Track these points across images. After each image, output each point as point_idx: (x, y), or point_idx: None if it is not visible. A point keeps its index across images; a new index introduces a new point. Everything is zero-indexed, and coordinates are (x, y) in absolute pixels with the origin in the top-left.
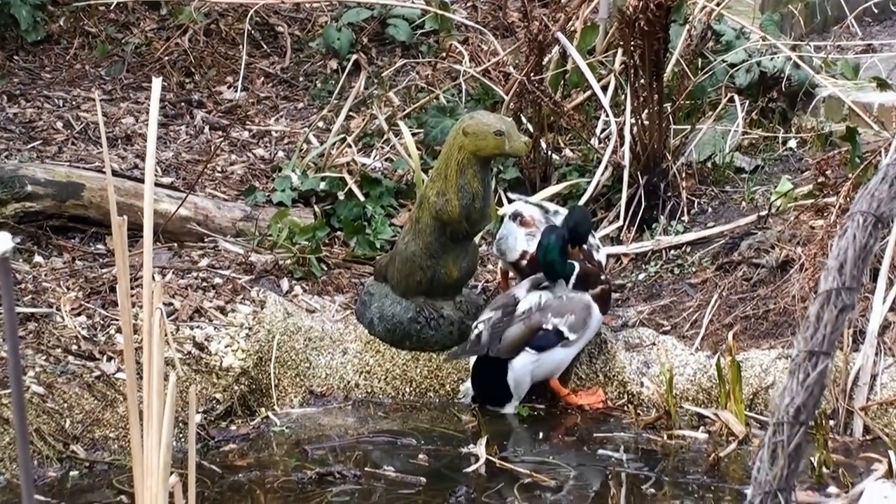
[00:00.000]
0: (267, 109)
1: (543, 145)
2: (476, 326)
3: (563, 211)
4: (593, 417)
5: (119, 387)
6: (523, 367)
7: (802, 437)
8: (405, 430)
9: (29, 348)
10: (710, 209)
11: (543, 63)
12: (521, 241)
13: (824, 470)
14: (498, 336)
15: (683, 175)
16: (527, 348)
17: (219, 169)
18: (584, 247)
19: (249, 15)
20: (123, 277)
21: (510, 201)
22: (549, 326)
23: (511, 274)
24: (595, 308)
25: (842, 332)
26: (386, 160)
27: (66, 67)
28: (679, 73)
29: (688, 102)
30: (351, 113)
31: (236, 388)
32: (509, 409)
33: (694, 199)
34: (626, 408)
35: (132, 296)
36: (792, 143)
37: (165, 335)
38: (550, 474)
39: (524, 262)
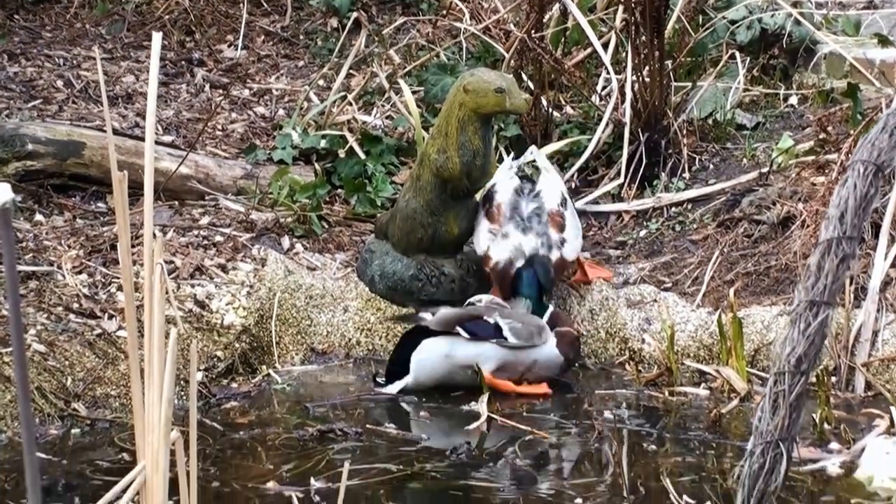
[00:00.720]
0: (267, 68)
1: (544, 103)
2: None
3: (548, 189)
4: (595, 375)
5: (120, 344)
6: (438, 347)
7: (804, 386)
8: (406, 388)
9: (30, 307)
10: (711, 166)
11: (544, 20)
12: (484, 239)
13: (826, 426)
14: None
15: (684, 132)
16: (458, 328)
17: (219, 127)
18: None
19: None
20: (124, 235)
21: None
22: (491, 320)
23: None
24: (549, 336)
25: (843, 282)
26: (387, 118)
27: (67, 26)
28: (680, 30)
29: (689, 59)
30: (351, 71)
31: (237, 345)
32: (392, 388)
33: (695, 155)
34: (627, 365)
35: (133, 253)
36: (793, 100)
37: (166, 292)
38: (551, 432)
39: (487, 269)
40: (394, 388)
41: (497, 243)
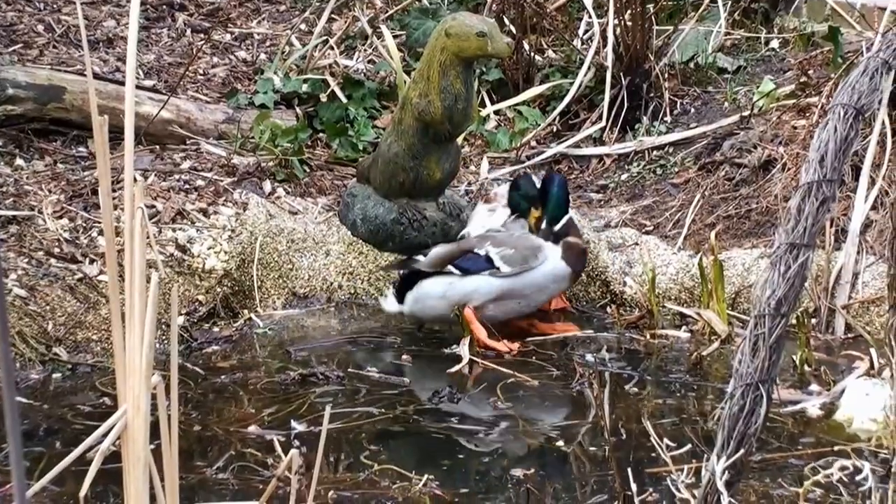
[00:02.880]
0: (249, 12)
1: (526, 46)
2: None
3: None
4: (577, 318)
5: (101, 289)
6: (434, 286)
7: (783, 329)
8: (388, 331)
9: (11, 251)
10: (692, 110)
11: None
12: (481, 218)
13: (806, 368)
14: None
15: (666, 76)
16: (450, 266)
17: (201, 72)
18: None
19: None
20: (105, 179)
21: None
22: (482, 252)
23: None
24: (549, 253)
25: (823, 225)
26: (368, 62)
27: None
28: None
29: (670, 3)
30: (333, 15)
31: (219, 289)
32: (390, 305)
33: (676, 99)
34: (608, 308)
35: (114, 198)
36: (774, 44)
37: (147, 237)
38: (534, 374)
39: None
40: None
41: (495, 218)
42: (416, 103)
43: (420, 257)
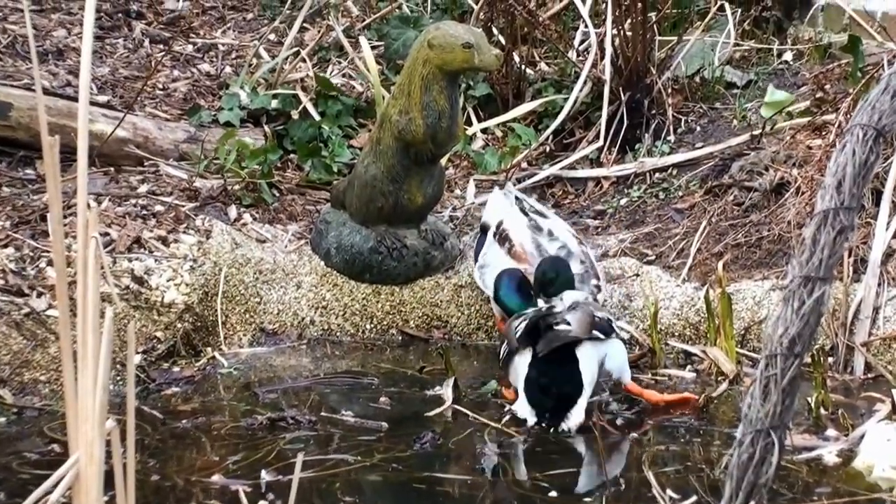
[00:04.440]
0: (213, 20)
1: (517, 59)
2: (511, 325)
3: (559, 228)
4: None
5: (50, 325)
6: (594, 355)
7: (797, 370)
8: (365, 371)
9: None
10: (698, 128)
11: None
12: (498, 201)
13: (822, 411)
14: (547, 329)
15: (669, 91)
16: (593, 331)
17: (160, 86)
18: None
19: None
20: (55, 204)
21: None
22: (600, 315)
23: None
24: None
25: (840, 257)
26: (344, 76)
27: None
28: None
29: (674, 11)
30: (305, 24)
31: (179, 325)
32: (579, 415)
33: (681, 116)
34: None
35: (65, 225)
36: (787, 56)
37: (102, 268)
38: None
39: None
40: (580, 415)
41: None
42: (395, 121)
43: (562, 326)
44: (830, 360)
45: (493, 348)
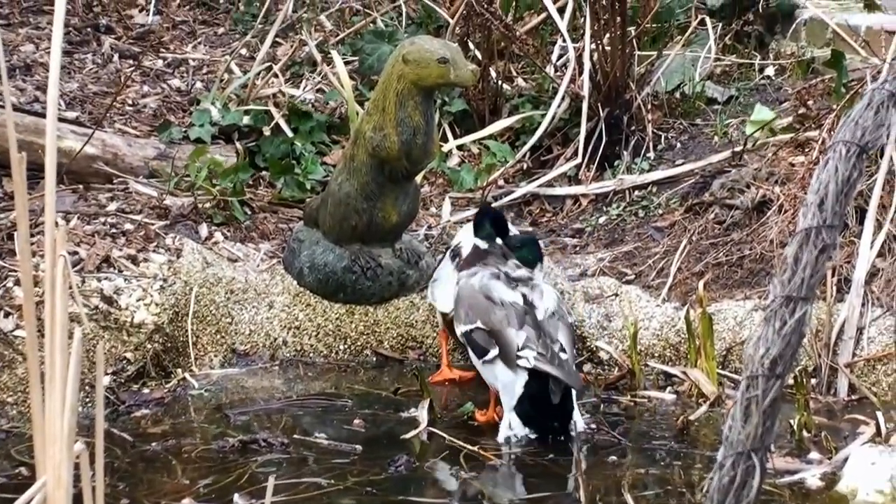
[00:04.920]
0: (183, 35)
1: (493, 74)
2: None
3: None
4: None
5: (18, 345)
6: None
7: (779, 391)
8: (339, 393)
9: None
10: (678, 144)
11: None
12: (452, 292)
13: (805, 434)
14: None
15: (649, 107)
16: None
17: (129, 102)
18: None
19: None
20: (23, 222)
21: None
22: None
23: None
24: None
25: (823, 276)
26: (317, 91)
27: None
28: None
29: (654, 26)
30: (277, 39)
31: (149, 346)
32: (579, 416)
33: (660, 133)
34: (584, 366)
35: (33, 243)
36: (770, 71)
37: (70, 287)
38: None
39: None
40: (582, 423)
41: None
42: (370, 137)
43: (563, 355)
44: (813, 381)
45: (470, 369)
